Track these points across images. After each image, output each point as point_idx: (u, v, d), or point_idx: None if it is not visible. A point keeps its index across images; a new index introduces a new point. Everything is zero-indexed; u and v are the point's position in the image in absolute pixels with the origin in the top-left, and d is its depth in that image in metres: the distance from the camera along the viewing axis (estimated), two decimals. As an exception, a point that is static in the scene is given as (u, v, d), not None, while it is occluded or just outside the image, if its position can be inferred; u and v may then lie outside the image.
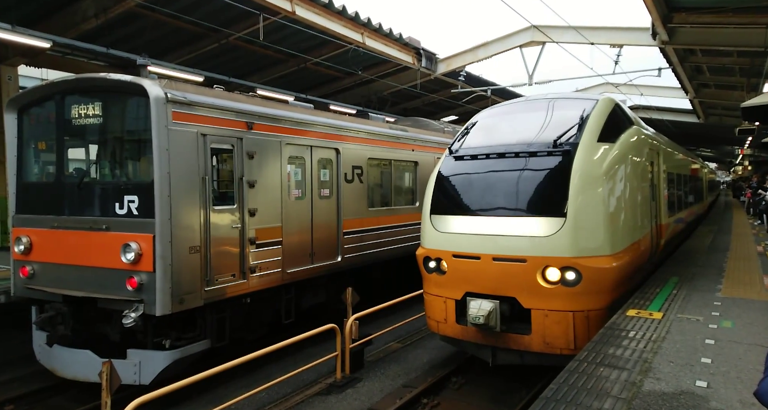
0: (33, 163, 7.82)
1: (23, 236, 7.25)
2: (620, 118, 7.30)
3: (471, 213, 6.46)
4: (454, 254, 6.45)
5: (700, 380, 4.24)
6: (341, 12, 13.15)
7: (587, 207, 5.94)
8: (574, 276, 5.83)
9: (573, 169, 6.03)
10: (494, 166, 6.57)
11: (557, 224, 5.89)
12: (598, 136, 6.47)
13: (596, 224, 5.97)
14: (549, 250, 5.86)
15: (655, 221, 8.24)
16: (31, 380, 7.67)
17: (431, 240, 6.76)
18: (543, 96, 7.98)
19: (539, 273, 5.93)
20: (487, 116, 7.94)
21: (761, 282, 8.07)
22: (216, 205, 7.08)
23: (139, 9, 11.22)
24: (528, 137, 6.68)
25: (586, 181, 6.00)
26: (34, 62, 12.79)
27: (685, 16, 11.99)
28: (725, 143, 40.44)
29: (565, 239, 5.82)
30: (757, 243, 12.93)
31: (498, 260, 6.11)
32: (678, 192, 11.85)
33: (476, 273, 6.28)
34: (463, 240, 6.39)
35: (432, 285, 6.82)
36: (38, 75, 17.72)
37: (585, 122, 6.55)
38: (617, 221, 6.30)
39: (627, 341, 5.24)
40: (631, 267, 6.60)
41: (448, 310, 6.61)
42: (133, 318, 6.18)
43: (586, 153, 6.20)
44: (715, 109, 24.04)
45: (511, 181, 6.29)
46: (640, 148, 7.55)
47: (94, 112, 6.94)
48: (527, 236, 5.99)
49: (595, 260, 5.88)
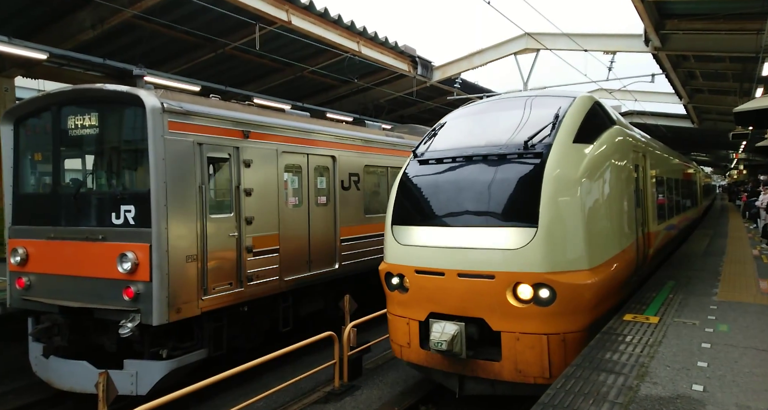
0: (29, 174, 7.83)
1: (19, 247, 7.24)
2: (600, 117, 6.71)
3: (435, 224, 5.85)
4: (416, 270, 5.82)
5: (697, 384, 4.25)
6: (337, 21, 13.24)
7: (561, 216, 5.37)
8: (548, 294, 5.23)
9: (545, 173, 5.43)
10: (461, 170, 5.97)
11: (528, 235, 5.28)
12: (575, 136, 5.86)
13: (572, 234, 5.40)
14: (519, 265, 5.26)
15: (642, 229, 7.60)
16: (28, 392, 7.63)
17: (393, 255, 6.17)
18: (519, 94, 7.37)
19: (509, 290, 5.32)
20: (458, 116, 7.32)
21: (757, 285, 8.11)
22: (213, 213, 7.09)
23: (136, 20, 11.28)
24: (499, 138, 6.08)
25: (560, 185, 5.42)
26: (31, 73, 12.83)
27: (677, 23, 12.14)
28: (720, 147, 40.71)
29: (537, 252, 5.22)
30: (752, 247, 12.98)
31: (464, 276, 5.47)
32: (669, 197, 11.26)
33: (440, 291, 5.65)
34: (427, 254, 5.76)
35: (395, 304, 6.25)
36: (35, 86, 17.75)
37: (560, 121, 5.93)
38: (596, 231, 5.71)
39: (624, 345, 5.25)
40: (613, 283, 6.00)
41: (411, 333, 5.99)
42: (129, 328, 6.17)
43: (561, 155, 5.61)
44: (710, 114, 24.22)
45: (478, 187, 5.70)
46: (623, 150, 6.96)
47: (90, 122, 6.96)
48: (495, 249, 5.38)
49: (571, 275, 5.28)
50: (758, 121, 11.81)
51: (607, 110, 7.10)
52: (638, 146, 7.92)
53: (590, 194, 5.69)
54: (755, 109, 9.87)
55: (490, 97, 8.14)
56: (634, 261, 6.94)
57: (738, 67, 15.04)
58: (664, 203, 10.33)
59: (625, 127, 7.68)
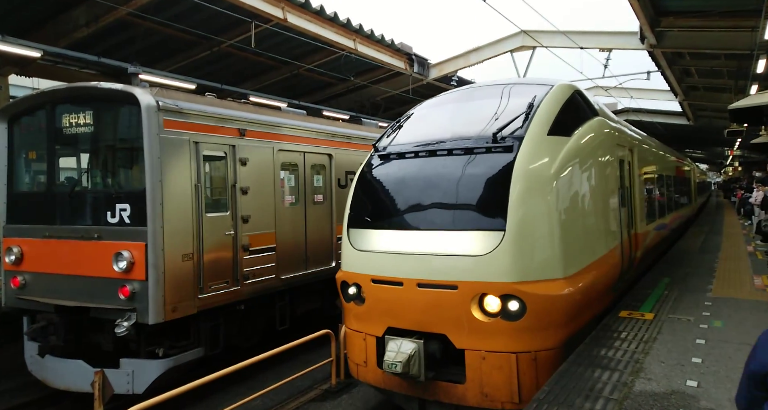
0: (24, 172, 7.79)
1: (14, 246, 7.21)
2: (579, 107, 6.17)
3: (393, 227, 5.29)
4: (373, 279, 5.21)
5: (691, 380, 4.28)
6: (333, 19, 13.21)
7: (532, 218, 4.85)
8: (517, 306, 4.69)
9: (515, 169, 4.89)
10: (423, 166, 5.40)
11: (495, 240, 4.73)
12: (550, 127, 5.32)
13: (544, 239, 4.86)
14: (485, 273, 4.71)
15: (628, 230, 7.04)
16: (23, 391, 7.61)
17: (348, 261, 5.57)
18: (495, 81, 6.87)
19: (474, 303, 4.77)
20: (428, 106, 6.77)
21: (751, 282, 8.16)
22: (209, 212, 7.08)
23: (131, 17, 11.22)
24: (467, 130, 5.54)
25: (532, 183, 4.90)
26: (25, 71, 12.74)
27: (673, 20, 12.16)
28: (715, 145, 40.86)
29: (505, 259, 4.68)
30: (747, 244, 13.05)
31: (424, 287, 4.90)
32: (659, 195, 10.73)
33: (399, 303, 5.07)
34: (384, 261, 5.17)
35: (351, 317, 5.65)
36: (29, 84, 17.66)
37: (534, 111, 5.36)
38: (573, 234, 5.15)
39: (619, 342, 5.28)
40: (593, 292, 5.45)
41: (368, 350, 5.36)
42: (125, 327, 6.16)
43: (533, 148, 5.07)
44: (705, 111, 24.30)
45: (441, 186, 5.16)
46: (606, 144, 6.42)
47: (85, 120, 6.93)
48: (459, 255, 4.82)
49: (543, 285, 4.74)
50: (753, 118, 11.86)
51: (588, 100, 6.56)
52: (624, 140, 7.44)
53: (566, 192, 5.17)
54: (750, 106, 9.93)
55: (467, 85, 7.53)
56: (619, 266, 6.39)
57: (733, 64, 15.08)
58: (654, 201, 9.84)
59: (609, 118, 7.14)
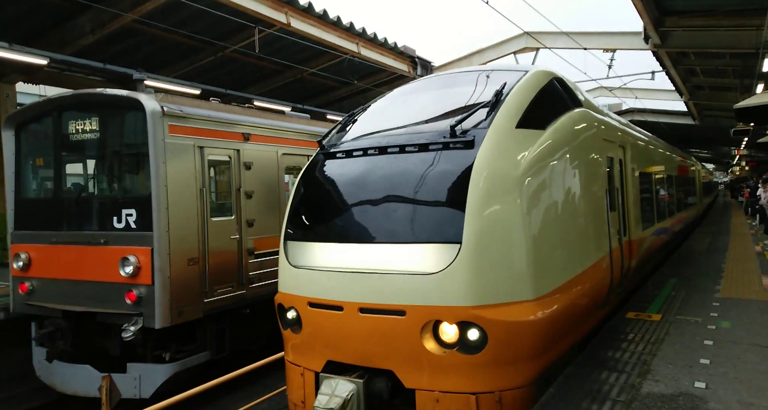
0: (31, 179, 7.86)
1: (22, 252, 7.26)
2: (557, 96, 5.38)
3: (333, 239, 4.51)
4: (309, 302, 4.43)
5: (699, 381, 4.24)
6: (336, 23, 13.27)
7: (495, 227, 4.06)
8: (477, 336, 3.91)
9: (474, 168, 4.13)
10: (371, 166, 4.64)
11: (450, 254, 3.94)
12: (519, 119, 4.58)
13: (509, 252, 4.08)
14: (437, 296, 3.93)
15: (619, 238, 6.20)
16: (32, 396, 7.65)
17: (285, 280, 4.81)
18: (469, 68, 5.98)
19: (426, 332, 3.99)
20: (390, 96, 6.05)
21: (760, 282, 8.09)
22: (214, 216, 7.11)
23: (135, 24, 11.32)
24: (426, 123, 4.88)
25: (495, 185, 4.14)
26: (32, 79, 12.89)
27: (677, 20, 12.14)
28: (722, 144, 40.63)
29: (461, 277, 3.89)
30: (755, 243, 12.96)
31: (367, 312, 4.12)
32: (659, 196, 9.85)
33: (339, 332, 4.31)
34: (323, 281, 4.40)
35: (288, 347, 4.90)
36: (36, 91, 17.83)
37: (501, 100, 4.64)
38: (546, 245, 4.37)
39: (626, 343, 5.25)
40: (572, 314, 4.58)
41: (306, 388, 4.57)
42: (132, 332, 6.19)
43: (498, 144, 4.34)
44: (711, 111, 24.19)
45: (389, 189, 4.40)
46: (591, 139, 5.64)
47: (91, 127, 6.99)
48: (407, 273, 4.03)
49: (508, 310, 3.94)
50: (759, 118, 11.79)
51: (570, 89, 5.79)
52: (613, 135, 6.57)
53: (538, 196, 4.41)
54: (756, 106, 9.87)
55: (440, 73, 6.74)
56: (607, 279, 5.52)
57: (738, 63, 15.02)
58: (653, 204, 8.96)
59: (596, 110, 6.33)
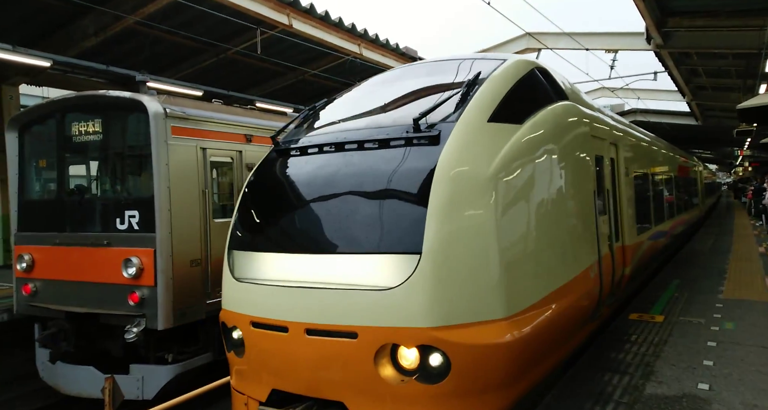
0: (34, 180, 7.88)
1: (25, 254, 7.28)
2: (538, 88, 4.91)
3: (280, 248, 4.05)
4: (252, 321, 3.93)
5: (702, 383, 4.24)
6: (338, 24, 13.29)
7: (462, 235, 3.54)
8: (440, 361, 3.40)
9: (438, 167, 3.64)
10: (325, 165, 4.16)
11: (408, 266, 3.43)
12: (493, 112, 4.09)
13: (477, 264, 3.56)
14: (394, 315, 3.40)
15: (611, 244, 5.66)
16: (35, 397, 7.67)
17: (228, 296, 4.30)
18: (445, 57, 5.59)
19: (381, 357, 3.47)
20: (360, 87, 5.57)
21: (763, 283, 8.07)
22: (216, 217, 7.12)
23: (138, 26, 11.35)
24: (389, 116, 4.40)
25: (462, 187, 3.65)
26: (35, 81, 12.94)
27: (679, 20, 12.12)
28: (725, 145, 40.52)
29: (420, 294, 3.36)
30: (758, 244, 12.92)
31: (314, 334, 3.60)
32: (657, 198, 9.38)
33: (283, 357, 3.79)
34: (266, 297, 3.91)
35: (233, 372, 4.41)
36: (39, 93, 17.89)
37: (474, 91, 4.18)
38: (521, 255, 3.88)
39: (629, 345, 5.24)
40: (553, 332, 4.04)
41: None
42: (135, 333, 6.20)
43: (466, 139, 3.85)
44: (713, 111, 24.13)
45: (343, 191, 3.92)
46: (576, 135, 5.08)
47: (94, 128, 7.01)
48: (359, 289, 3.52)
49: (476, 331, 3.40)
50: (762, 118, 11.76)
51: (555, 80, 5.31)
52: (604, 132, 6.06)
53: (512, 199, 3.91)
54: (759, 106, 9.84)
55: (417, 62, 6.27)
56: (596, 290, 4.96)
57: (741, 63, 14.98)
58: (650, 206, 8.45)
59: (584, 105, 5.82)
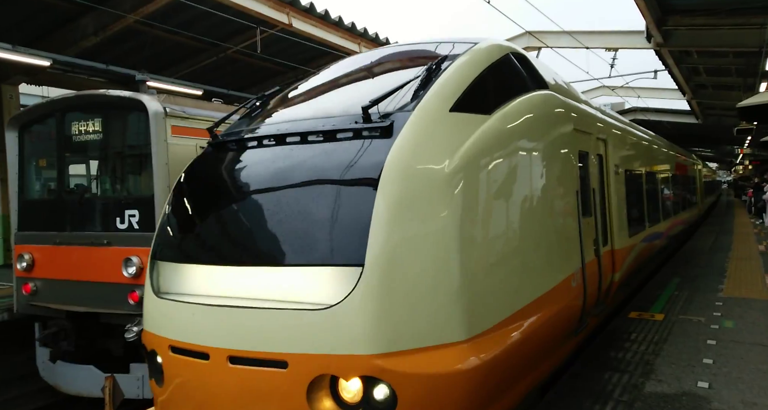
0: (35, 180, 7.89)
1: (26, 253, 7.29)
2: (514, 75, 4.38)
3: (204, 259, 3.51)
4: (171, 346, 3.35)
5: (702, 381, 4.24)
6: (337, 23, 13.29)
7: (413, 243, 2.97)
8: (385, 394, 2.86)
9: (387, 163, 3.07)
10: (264, 160, 3.62)
11: (348, 281, 2.88)
12: (457, 100, 3.56)
13: (433, 277, 2.97)
14: (330, 340, 2.84)
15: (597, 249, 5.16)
16: (35, 397, 7.68)
17: (148, 314, 3.75)
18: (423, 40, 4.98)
19: (317, 390, 2.92)
20: (321, 73, 5.00)
21: (763, 281, 8.08)
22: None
23: (138, 25, 11.35)
24: (342, 105, 3.82)
25: (415, 186, 3.08)
26: (35, 80, 12.94)
27: (679, 19, 12.11)
28: (725, 143, 40.51)
29: (362, 314, 2.82)
30: (758, 243, 12.93)
31: (238, 362, 3.04)
32: (652, 198, 8.88)
33: (204, 389, 3.20)
34: (186, 317, 3.30)
35: (156, 403, 3.75)
36: (39, 93, 17.90)
37: (436, 77, 3.66)
38: (488, 266, 3.29)
39: (629, 343, 5.24)
40: (525, 353, 3.48)
41: None
42: (135, 332, 6.19)
43: (424, 131, 3.29)
44: (714, 110, 24.12)
45: (280, 190, 3.36)
46: (555, 128, 4.53)
47: (94, 128, 7.01)
48: (290, 308, 2.96)
49: (428, 358, 2.84)
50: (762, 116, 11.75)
51: (534, 68, 4.78)
52: (591, 125, 5.53)
53: (475, 200, 3.30)
54: (759, 104, 9.84)
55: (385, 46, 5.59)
56: (579, 301, 4.46)
57: (741, 62, 14.97)
58: (643, 206, 8.02)
59: (569, 96, 5.28)
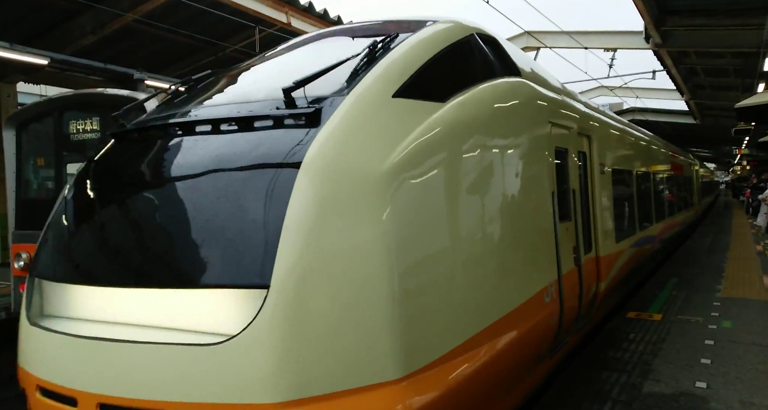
0: (32, 178, 7.87)
1: (23, 252, 7.27)
2: (478, 58, 3.83)
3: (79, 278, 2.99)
4: (39, 386, 2.98)
5: (700, 381, 4.25)
6: (336, 22, 13.28)
7: (335, 260, 2.45)
8: None
9: (307, 159, 2.56)
10: (163, 155, 3.13)
11: (250, 307, 2.39)
12: (403, 84, 3.04)
13: (360, 301, 2.45)
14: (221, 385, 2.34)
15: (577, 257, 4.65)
16: (33, 396, 7.67)
17: (21, 346, 3.29)
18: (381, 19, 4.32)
19: None
20: (259, 56, 4.65)
21: (761, 281, 8.10)
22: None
23: (136, 24, 11.33)
24: (266, 89, 3.19)
25: (341, 188, 2.57)
26: (33, 79, 12.89)
27: (678, 19, 12.14)
28: (723, 143, 40.64)
29: (263, 351, 2.31)
30: (756, 243, 12.96)
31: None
32: (644, 200, 8.40)
33: None
34: (55, 352, 2.86)
35: None
36: (37, 91, 17.85)
37: (380, 57, 3.17)
38: (434, 285, 2.76)
39: (627, 343, 5.25)
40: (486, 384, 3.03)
41: None
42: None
43: (357, 120, 2.78)
44: (712, 110, 24.18)
45: (177, 192, 2.86)
46: (524, 121, 3.99)
47: (91, 127, 7.00)
48: (175, 343, 2.47)
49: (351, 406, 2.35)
50: (760, 117, 11.79)
51: (504, 52, 4.23)
52: (571, 120, 4.95)
53: (419, 205, 2.76)
54: (757, 105, 9.86)
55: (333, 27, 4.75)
56: (554, 318, 3.95)
57: (739, 62, 15.01)
58: (634, 209, 7.54)
59: (545, 85, 4.74)
